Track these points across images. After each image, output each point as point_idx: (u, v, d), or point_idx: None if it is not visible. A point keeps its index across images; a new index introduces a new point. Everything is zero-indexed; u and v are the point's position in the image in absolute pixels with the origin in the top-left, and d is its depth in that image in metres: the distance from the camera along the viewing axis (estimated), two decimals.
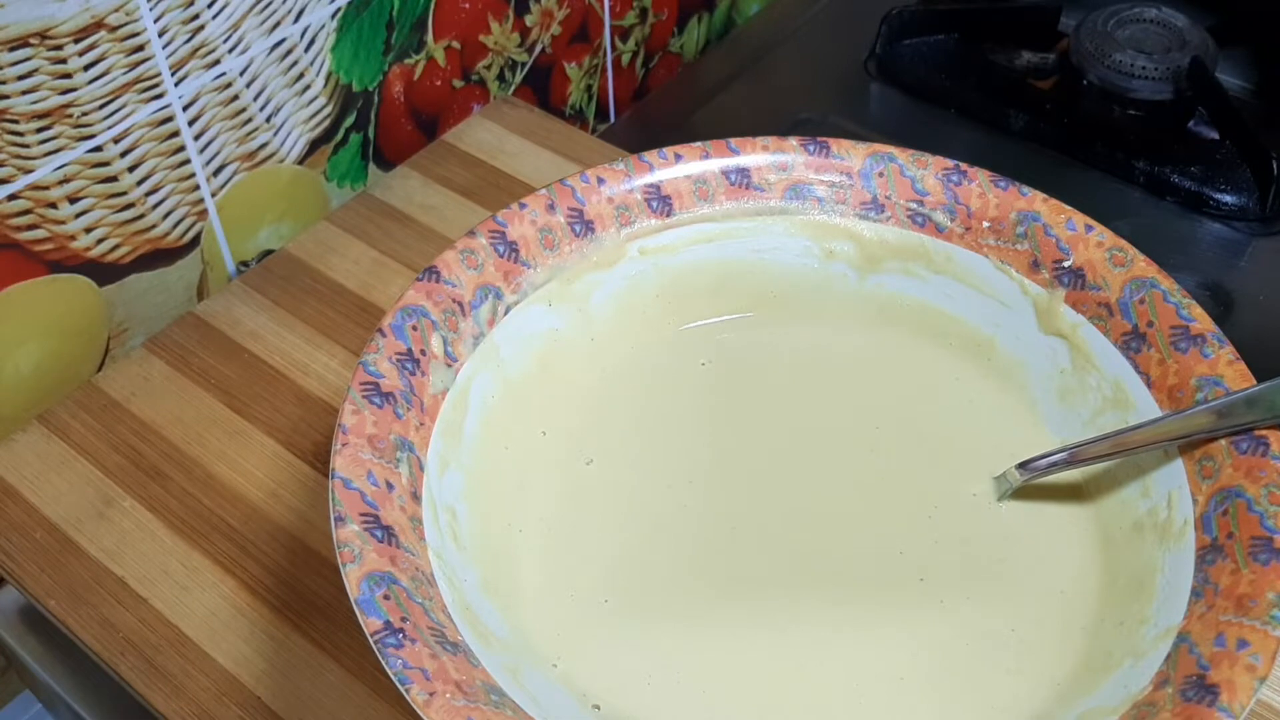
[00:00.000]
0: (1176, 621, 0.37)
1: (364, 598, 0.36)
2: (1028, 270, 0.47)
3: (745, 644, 0.42)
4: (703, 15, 0.86)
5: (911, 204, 0.49)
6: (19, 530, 0.49)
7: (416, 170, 0.65)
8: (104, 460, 0.52)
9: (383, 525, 0.38)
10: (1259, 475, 0.38)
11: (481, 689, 0.35)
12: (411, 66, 0.66)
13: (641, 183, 0.49)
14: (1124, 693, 0.36)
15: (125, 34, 0.52)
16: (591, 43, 0.77)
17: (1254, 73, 0.75)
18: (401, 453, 0.41)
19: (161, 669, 0.45)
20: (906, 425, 0.48)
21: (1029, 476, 0.44)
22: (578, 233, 0.48)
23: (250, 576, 0.48)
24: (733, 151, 0.50)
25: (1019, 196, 0.47)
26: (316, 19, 0.59)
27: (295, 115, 0.61)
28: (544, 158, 0.66)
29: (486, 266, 0.46)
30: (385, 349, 0.43)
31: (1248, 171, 0.67)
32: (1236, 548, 0.37)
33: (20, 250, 0.52)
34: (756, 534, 0.45)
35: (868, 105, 0.75)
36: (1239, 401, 0.39)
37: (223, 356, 0.56)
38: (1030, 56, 0.75)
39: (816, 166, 0.50)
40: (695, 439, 0.48)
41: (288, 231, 0.63)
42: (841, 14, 0.82)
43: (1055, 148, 0.70)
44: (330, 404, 0.54)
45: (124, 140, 0.54)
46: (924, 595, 0.43)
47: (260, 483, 0.51)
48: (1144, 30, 0.71)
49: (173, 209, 0.57)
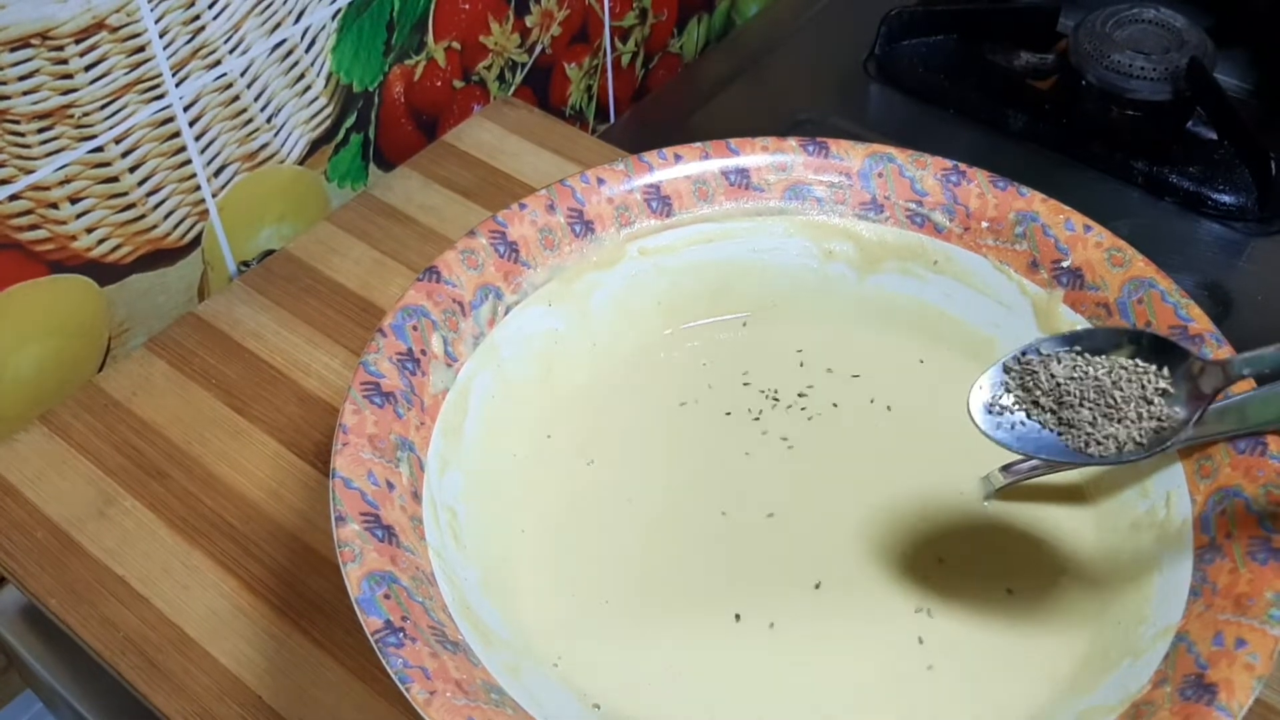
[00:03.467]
0: (1175, 621, 0.37)
1: (364, 597, 0.36)
2: (1026, 270, 0.47)
3: (745, 643, 0.42)
4: (702, 16, 0.86)
5: (910, 204, 0.49)
6: (20, 530, 0.50)
7: (417, 170, 0.65)
8: (105, 460, 0.52)
9: (383, 525, 0.38)
10: (1257, 475, 0.38)
11: (482, 688, 0.35)
12: (412, 67, 0.66)
13: (641, 183, 0.49)
14: (1122, 692, 0.36)
15: (126, 34, 0.52)
16: (591, 43, 0.77)
17: (1252, 73, 0.75)
18: (402, 452, 0.41)
19: (162, 668, 0.45)
20: (906, 425, 0.48)
21: (1012, 480, 0.45)
22: (578, 233, 0.48)
23: (251, 576, 0.48)
24: (732, 152, 0.50)
25: (1018, 197, 0.48)
26: (317, 20, 0.59)
27: (296, 116, 0.61)
28: (544, 158, 0.66)
29: (487, 266, 0.46)
30: (386, 349, 0.43)
31: (1246, 172, 0.67)
32: (1235, 547, 0.37)
33: (21, 250, 0.52)
34: (756, 534, 0.45)
35: (867, 106, 0.75)
36: (1210, 413, 0.39)
37: (223, 356, 0.56)
38: (1029, 57, 0.75)
39: (816, 167, 0.50)
40: (695, 439, 0.48)
41: (288, 232, 0.63)
42: (841, 14, 0.82)
43: (1054, 148, 0.70)
44: (331, 404, 0.54)
45: (125, 140, 0.54)
46: (924, 595, 0.43)
47: (261, 482, 0.51)
48: (1142, 31, 0.71)
49: (174, 209, 0.57)
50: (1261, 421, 0.39)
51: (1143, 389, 0.39)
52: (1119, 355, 0.40)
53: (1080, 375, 0.40)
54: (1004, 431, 0.40)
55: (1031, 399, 0.40)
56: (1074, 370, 0.40)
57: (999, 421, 0.40)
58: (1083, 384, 0.40)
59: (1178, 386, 0.39)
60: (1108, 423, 0.39)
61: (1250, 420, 0.39)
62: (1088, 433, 0.39)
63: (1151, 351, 0.40)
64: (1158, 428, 0.39)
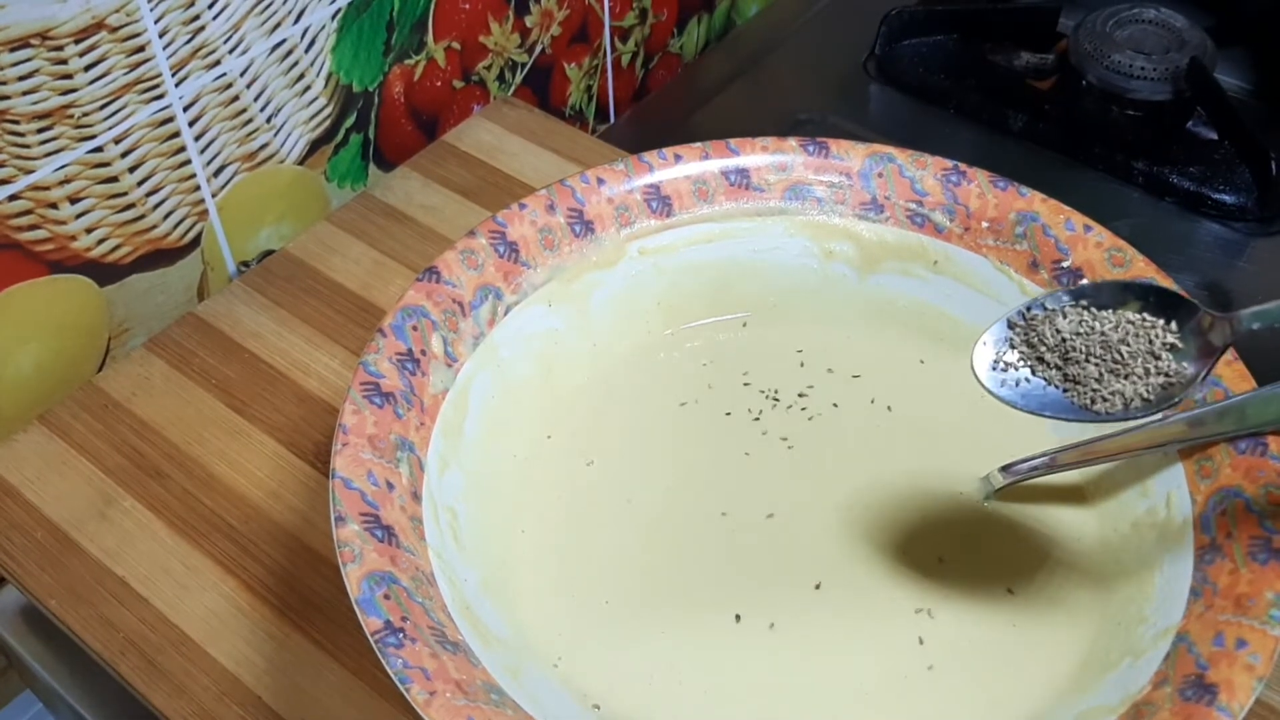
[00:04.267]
0: (1175, 621, 0.37)
1: (364, 597, 0.36)
2: (1027, 270, 0.47)
3: (745, 643, 0.42)
4: (702, 16, 0.86)
5: (910, 204, 0.49)
6: (20, 530, 0.50)
7: (416, 170, 0.65)
8: (105, 460, 0.52)
9: (383, 525, 0.38)
10: (1257, 475, 0.38)
11: (481, 688, 0.35)
12: (412, 67, 0.66)
13: (641, 183, 0.49)
14: (1122, 692, 0.36)
15: (126, 34, 0.52)
16: (591, 43, 0.77)
17: (1253, 73, 0.75)
18: (402, 452, 0.41)
19: (162, 668, 0.45)
20: (906, 425, 0.48)
21: (1011, 480, 0.45)
22: (578, 233, 0.48)
23: (251, 576, 0.48)
24: (732, 152, 0.50)
25: (1018, 197, 0.48)
26: (317, 20, 0.59)
27: (295, 116, 0.61)
28: (544, 158, 0.66)
29: (486, 267, 0.46)
30: (385, 349, 0.43)
31: (1246, 172, 0.67)
32: (1235, 547, 0.37)
33: (21, 250, 0.52)
34: (756, 534, 0.45)
35: (867, 105, 0.75)
36: (1210, 413, 0.39)
37: (223, 356, 0.56)
38: (1029, 57, 0.75)
39: (816, 167, 0.50)
40: (695, 439, 0.48)
41: (288, 232, 0.63)
42: (841, 14, 0.82)
43: (1054, 148, 0.70)
44: (330, 404, 0.54)
45: (125, 141, 0.54)
46: (924, 595, 0.43)
47: (261, 482, 0.51)
48: (1143, 31, 0.71)
49: (173, 209, 0.57)
50: (1261, 421, 0.39)
51: (1150, 344, 0.38)
52: (1126, 310, 0.39)
53: (1086, 330, 0.39)
54: (1008, 389, 0.39)
55: (1036, 355, 0.39)
56: (1080, 325, 0.39)
57: (1003, 379, 0.39)
58: (1089, 339, 0.38)
59: (1186, 341, 0.38)
60: (1114, 379, 0.38)
61: (1250, 420, 0.39)
62: (1094, 389, 0.38)
63: (1159, 306, 0.39)
64: (1165, 383, 0.38)
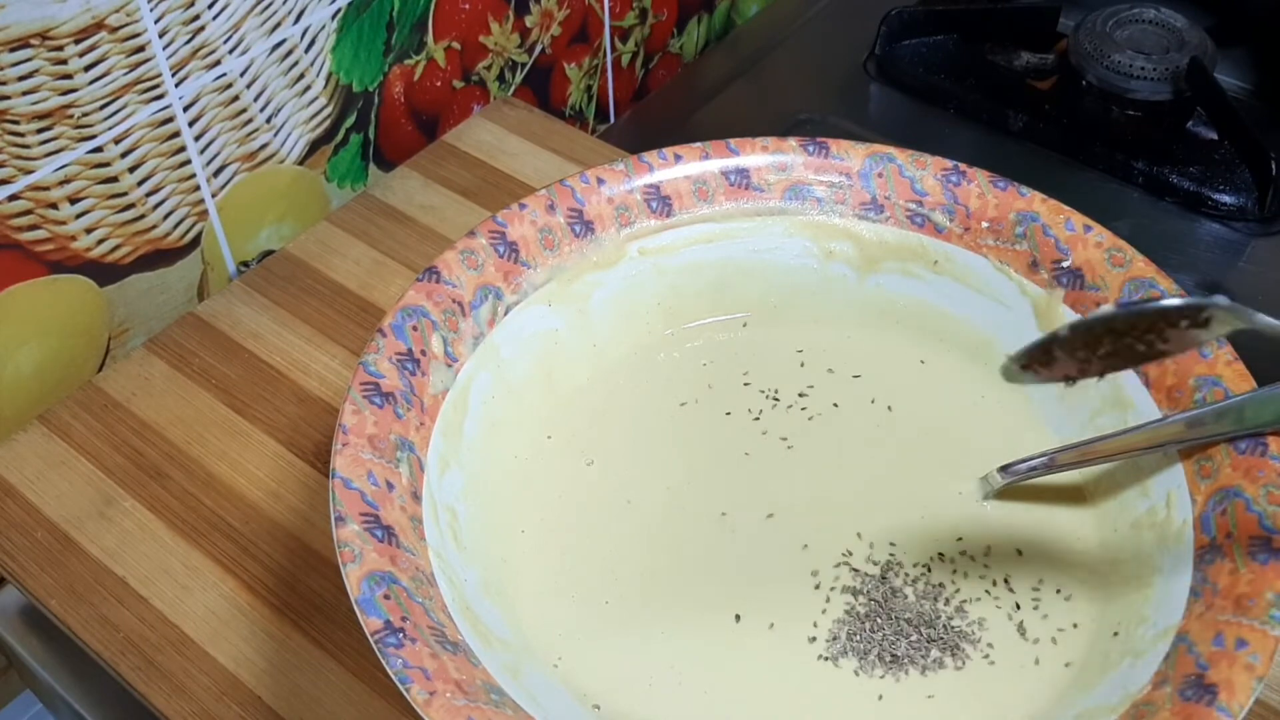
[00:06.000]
0: (1175, 621, 0.37)
1: (364, 597, 0.36)
2: (1027, 270, 0.47)
3: (745, 643, 0.42)
4: (702, 16, 0.86)
5: (910, 204, 0.49)
6: (20, 530, 0.50)
7: (416, 170, 0.65)
8: (105, 460, 0.52)
9: (383, 525, 0.38)
10: (1257, 475, 0.38)
11: (482, 688, 0.35)
12: (412, 67, 0.66)
13: (641, 183, 0.49)
14: (1123, 692, 0.36)
15: (126, 34, 0.52)
16: (591, 43, 0.77)
17: (1253, 73, 0.75)
18: (402, 453, 0.41)
19: (162, 668, 0.45)
20: (906, 426, 0.48)
21: (1009, 480, 0.45)
22: (578, 233, 0.48)
23: (250, 576, 0.48)
24: (732, 152, 0.50)
25: (1018, 197, 0.48)
26: (317, 20, 0.59)
27: (295, 116, 0.61)
28: (544, 158, 0.66)
29: (486, 267, 0.46)
30: (385, 349, 0.43)
31: (1246, 172, 0.67)
32: (1235, 547, 0.37)
33: (21, 250, 0.52)
34: (756, 534, 0.45)
35: (867, 105, 0.75)
36: (1210, 413, 0.39)
37: (223, 356, 0.56)
38: (1029, 57, 0.75)
39: (816, 167, 0.50)
40: (695, 439, 0.48)
41: (288, 232, 0.63)
42: (841, 14, 0.82)
43: (1054, 148, 0.70)
44: (330, 404, 0.54)
45: (124, 141, 0.54)
46: (925, 594, 0.43)
47: (261, 482, 0.51)
48: (1143, 31, 0.71)
49: (173, 209, 0.57)
50: (1261, 422, 0.39)
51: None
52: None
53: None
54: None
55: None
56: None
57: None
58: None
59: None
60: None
61: (1249, 420, 0.39)
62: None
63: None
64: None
